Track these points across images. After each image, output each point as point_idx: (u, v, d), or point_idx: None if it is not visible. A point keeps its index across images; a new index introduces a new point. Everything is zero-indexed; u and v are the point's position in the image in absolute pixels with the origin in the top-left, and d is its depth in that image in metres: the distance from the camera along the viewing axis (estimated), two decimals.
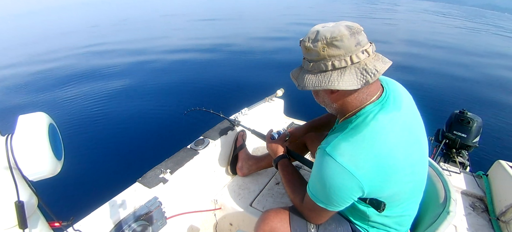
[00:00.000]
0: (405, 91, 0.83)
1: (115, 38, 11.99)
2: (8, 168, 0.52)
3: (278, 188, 1.50)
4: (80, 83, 6.01)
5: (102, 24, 17.71)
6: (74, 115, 4.41)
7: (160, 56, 8.38)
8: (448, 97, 5.34)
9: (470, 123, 1.99)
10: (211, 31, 13.38)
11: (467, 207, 1.46)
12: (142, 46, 10.24)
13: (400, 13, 23.61)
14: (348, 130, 0.71)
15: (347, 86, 0.67)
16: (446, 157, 2.09)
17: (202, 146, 1.45)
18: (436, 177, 0.97)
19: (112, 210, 1.05)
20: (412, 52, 9.38)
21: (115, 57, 8.53)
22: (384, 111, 0.71)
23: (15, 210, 0.53)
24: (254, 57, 8.01)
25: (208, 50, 9.07)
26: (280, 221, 0.91)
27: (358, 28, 0.68)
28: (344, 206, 0.75)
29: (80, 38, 12.36)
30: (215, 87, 5.52)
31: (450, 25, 18.37)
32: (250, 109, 1.83)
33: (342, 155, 0.68)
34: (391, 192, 0.72)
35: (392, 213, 0.78)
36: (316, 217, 0.85)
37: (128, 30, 14.55)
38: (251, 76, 6.29)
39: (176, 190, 1.26)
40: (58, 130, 0.63)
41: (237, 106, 1.82)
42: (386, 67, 0.68)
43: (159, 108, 4.64)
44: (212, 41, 10.59)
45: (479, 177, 1.62)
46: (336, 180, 0.69)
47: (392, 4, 34.07)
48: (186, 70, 6.73)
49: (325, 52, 0.68)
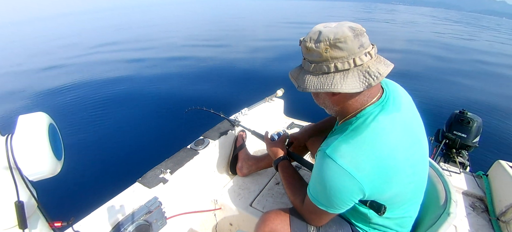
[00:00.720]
0: (404, 92, 0.82)
1: (115, 40, 11.99)
2: (8, 168, 0.52)
3: (278, 188, 1.50)
4: (80, 83, 6.01)
5: (103, 28, 17.70)
6: (74, 115, 4.41)
7: (160, 56, 8.39)
8: (448, 97, 5.34)
9: (470, 123, 1.99)
10: (212, 31, 13.37)
11: (467, 207, 1.46)
12: (142, 46, 10.24)
13: (399, 18, 23.61)
14: (349, 131, 0.71)
15: (350, 89, 0.66)
16: (446, 157, 2.09)
17: (202, 146, 1.45)
18: (437, 178, 0.97)
19: (112, 210, 1.05)
20: (412, 53, 9.38)
21: (115, 57, 8.53)
22: (384, 112, 0.71)
23: (15, 210, 0.52)
24: (254, 57, 8.01)
25: (208, 50, 9.07)
26: (280, 222, 0.90)
27: (361, 30, 0.66)
28: (345, 208, 0.74)
29: (82, 41, 12.36)
30: (215, 87, 5.52)
31: (449, 29, 18.40)
32: (250, 109, 1.83)
33: (342, 156, 0.67)
34: (392, 193, 0.71)
35: (393, 214, 0.77)
36: (317, 219, 0.84)
37: (128, 30, 14.54)
38: (251, 76, 6.29)
39: (176, 190, 1.26)
40: (58, 130, 0.63)
41: (237, 106, 1.82)
42: (388, 70, 0.67)
43: (159, 108, 4.64)
44: (212, 40, 10.59)
45: (479, 177, 1.62)
46: (337, 182, 0.69)
47: (390, 10, 34.11)
48: (187, 70, 6.73)
49: (328, 54, 0.66)
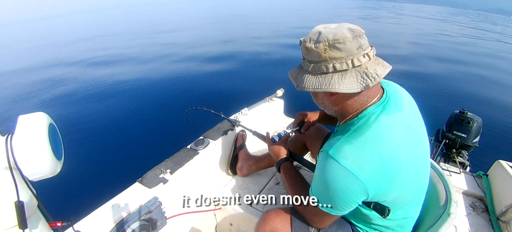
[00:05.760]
0: (405, 92, 0.82)
1: (115, 40, 11.99)
2: (8, 168, 0.52)
3: (278, 188, 1.50)
4: (80, 83, 6.01)
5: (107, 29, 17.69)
6: (74, 115, 4.41)
7: (160, 56, 8.38)
8: (448, 97, 5.34)
9: (470, 123, 1.99)
10: (212, 31, 13.37)
11: (467, 207, 1.46)
12: (142, 46, 10.24)
13: (405, 17, 23.59)
14: (351, 132, 0.70)
15: (347, 89, 0.67)
16: (446, 157, 2.09)
17: (202, 146, 1.45)
18: (437, 178, 0.97)
19: (112, 210, 1.05)
20: (413, 54, 9.38)
21: (115, 57, 8.53)
22: (386, 112, 0.71)
23: (15, 210, 0.52)
24: (254, 57, 8.01)
25: (208, 50, 9.07)
26: (281, 221, 0.90)
27: (360, 31, 0.67)
28: (348, 210, 0.73)
29: (82, 41, 12.37)
30: (215, 87, 5.52)
31: (455, 28, 18.40)
32: (250, 109, 1.82)
33: (345, 157, 0.67)
34: (395, 194, 0.70)
35: (395, 216, 0.77)
36: (319, 221, 0.84)
37: (127, 31, 14.54)
38: (251, 76, 6.29)
39: (176, 190, 1.26)
40: (58, 130, 0.63)
41: (237, 106, 1.82)
42: (386, 71, 0.68)
43: (159, 108, 4.64)
44: (212, 41, 10.59)
45: (479, 177, 1.62)
46: (340, 183, 0.68)
47: (396, 8, 34.10)
48: (187, 71, 6.73)
49: (327, 54, 0.67)
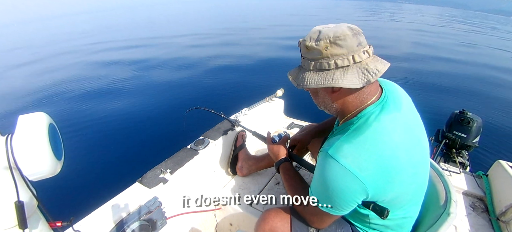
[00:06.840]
0: (403, 92, 0.82)
1: (115, 40, 11.99)
2: (8, 168, 0.52)
3: (278, 188, 1.50)
4: (80, 83, 6.01)
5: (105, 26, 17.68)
6: (74, 115, 4.41)
7: (160, 56, 8.39)
8: (448, 97, 5.34)
9: (470, 123, 1.99)
10: (212, 32, 13.37)
11: (467, 207, 1.46)
12: (142, 46, 10.24)
13: (405, 17, 23.58)
14: (350, 131, 0.71)
15: (350, 84, 0.67)
16: (446, 157, 2.09)
17: (202, 146, 1.45)
18: (437, 178, 0.97)
19: (112, 210, 1.05)
20: (415, 54, 9.38)
21: (115, 57, 8.53)
22: (385, 112, 0.71)
23: (15, 210, 0.52)
24: (254, 57, 8.02)
25: (208, 50, 9.07)
26: (280, 220, 0.90)
27: (358, 30, 0.69)
28: (347, 210, 0.73)
29: (82, 41, 12.37)
30: (215, 87, 5.52)
31: (455, 28, 18.40)
32: (250, 109, 1.83)
33: (345, 157, 0.67)
34: (394, 194, 0.71)
35: (394, 216, 0.77)
36: (319, 221, 0.84)
37: (128, 30, 14.54)
38: (251, 76, 6.29)
39: (176, 190, 1.26)
40: (58, 130, 0.63)
41: (237, 106, 1.82)
42: (385, 68, 0.69)
43: (159, 108, 4.64)
44: (212, 40, 10.58)
45: (479, 177, 1.62)
46: (340, 182, 0.68)
47: (396, 9, 34.08)
48: (187, 71, 6.73)
49: (328, 51, 0.68)
